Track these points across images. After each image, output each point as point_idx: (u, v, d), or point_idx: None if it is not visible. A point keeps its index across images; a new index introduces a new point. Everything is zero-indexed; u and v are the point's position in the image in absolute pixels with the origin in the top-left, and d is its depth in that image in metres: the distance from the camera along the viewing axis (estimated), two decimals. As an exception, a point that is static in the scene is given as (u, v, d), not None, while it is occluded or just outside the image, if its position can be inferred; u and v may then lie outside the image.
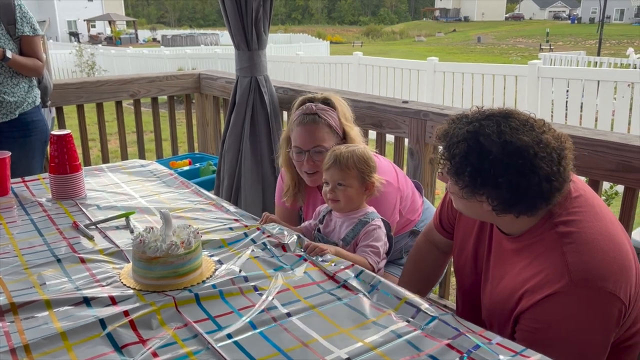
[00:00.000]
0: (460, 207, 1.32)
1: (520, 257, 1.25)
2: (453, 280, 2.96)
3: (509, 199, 1.18)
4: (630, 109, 5.71)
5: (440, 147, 1.28)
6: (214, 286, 1.26)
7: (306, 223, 1.79)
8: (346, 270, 1.34)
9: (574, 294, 1.12)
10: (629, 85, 5.70)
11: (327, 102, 1.83)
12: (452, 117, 1.28)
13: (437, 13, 74.08)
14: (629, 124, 5.74)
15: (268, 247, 1.48)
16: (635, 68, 10.40)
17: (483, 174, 1.17)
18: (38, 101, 2.75)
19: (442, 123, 1.26)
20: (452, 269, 2.68)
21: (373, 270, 1.49)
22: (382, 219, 1.64)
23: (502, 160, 1.15)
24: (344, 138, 1.82)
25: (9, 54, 2.51)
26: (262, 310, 1.17)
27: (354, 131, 1.85)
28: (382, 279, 1.28)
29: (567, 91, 6.11)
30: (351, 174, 1.59)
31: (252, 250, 1.46)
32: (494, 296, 1.30)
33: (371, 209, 1.66)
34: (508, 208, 1.20)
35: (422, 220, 1.92)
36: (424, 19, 77.44)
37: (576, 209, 1.22)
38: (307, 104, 1.81)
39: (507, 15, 70.00)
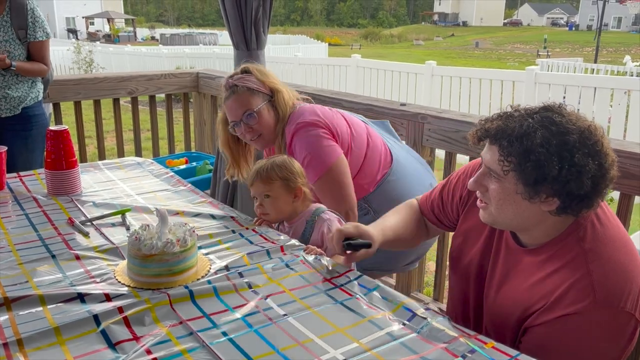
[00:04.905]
0: (507, 214, 1.17)
1: (537, 269, 1.19)
2: (447, 283, 2.97)
3: (587, 192, 1.08)
4: (627, 116, 5.74)
5: (493, 147, 1.15)
6: (208, 282, 1.26)
7: None
8: (344, 275, 1.33)
9: (596, 314, 1.09)
10: (625, 92, 5.73)
11: (244, 70, 1.88)
12: (494, 115, 1.18)
13: (435, 17, 74.26)
14: (625, 131, 5.77)
15: (264, 247, 1.47)
16: (632, 75, 10.45)
17: (568, 163, 1.06)
18: (41, 96, 2.75)
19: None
20: (446, 272, 2.68)
21: None
22: (331, 211, 1.64)
23: (581, 146, 1.07)
24: (273, 95, 1.85)
25: (14, 64, 2.51)
26: (257, 311, 1.17)
27: (282, 86, 1.89)
28: (380, 284, 1.28)
29: (564, 97, 6.14)
30: (275, 184, 1.57)
31: (248, 249, 1.45)
32: (500, 305, 1.26)
33: (315, 207, 1.65)
34: (577, 205, 1.10)
35: (376, 194, 1.88)
36: (423, 23, 77.65)
37: (601, 221, 1.17)
38: (227, 80, 1.87)
39: (505, 20, 70.29)
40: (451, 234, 2.42)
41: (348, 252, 1.34)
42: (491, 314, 1.31)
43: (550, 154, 1.06)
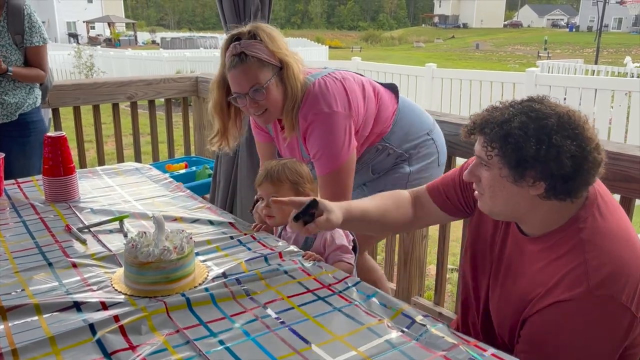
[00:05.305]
0: (499, 200, 1.22)
1: (537, 258, 1.22)
2: (449, 287, 2.95)
3: (570, 172, 1.11)
4: (628, 117, 5.73)
5: (480, 137, 1.21)
6: (206, 289, 1.25)
7: None
8: (343, 282, 1.32)
9: (589, 303, 1.10)
10: (626, 93, 5.72)
11: (252, 34, 1.69)
12: (483, 110, 1.24)
13: (436, 19, 74.35)
14: (626, 132, 5.75)
15: (263, 254, 1.46)
16: (632, 77, 10.44)
17: (546, 144, 1.11)
18: (39, 102, 2.74)
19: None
20: (447, 275, 2.67)
21: (353, 268, 1.53)
22: None
23: (560, 129, 1.12)
24: (282, 67, 1.70)
25: (11, 70, 2.50)
26: (255, 319, 1.16)
27: (291, 57, 1.73)
28: (379, 290, 1.27)
29: (565, 99, 6.13)
30: (284, 186, 1.57)
31: (246, 256, 1.44)
32: (506, 297, 1.27)
33: None
34: (562, 186, 1.13)
35: (393, 133, 1.86)
36: (423, 25, 77.77)
37: (602, 215, 1.19)
38: (233, 43, 1.69)
39: (505, 22, 70.33)
40: (451, 236, 2.43)
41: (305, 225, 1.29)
42: (496, 306, 1.31)
43: (528, 136, 1.12)
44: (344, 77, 1.78)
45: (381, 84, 1.95)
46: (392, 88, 1.95)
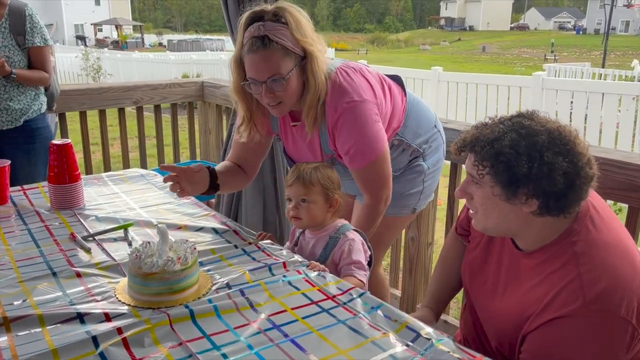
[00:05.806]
0: (492, 218, 1.21)
1: (533, 273, 1.21)
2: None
3: (562, 189, 1.11)
4: (635, 122, 5.70)
5: (470, 155, 1.21)
6: (209, 301, 1.25)
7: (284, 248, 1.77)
8: (347, 293, 1.31)
9: (586, 317, 1.09)
10: (634, 98, 5.69)
11: (277, 16, 1.53)
12: (472, 127, 1.24)
13: (442, 22, 74.31)
14: (634, 136, 5.72)
15: (267, 264, 1.46)
16: (640, 80, 10.38)
17: (537, 162, 1.10)
18: (44, 108, 2.73)
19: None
20: (453, 283, 2.65)
21: (364, 285, 1.49)
22: (354, 230, 1.62)
23: (551, 145, 1.11)
24: (306, 57, 1.56)
25: (14, 72, 2.51)
26: (259, 332, 1.15)
27: (316, 47, 1.57)
28: (384, 303, 1.26)
29: (572, 102, 6.10)
30: (315, 189, 1.55)
31: (250, 265, 1.44)
32: (505, 313, 1.26)
33: (341, 222, 1.62)
34: (555, 203, 1.13)
35: (406, 127, 1.80)
36: (429, 27, 77.72)
37: (596, 227, 1.18)
38: (256, 24, 1.53)
39: (512, 25, 70.25)
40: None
41: None
42: (495, 321, 1.30)
43: (520, 154, 1.12)
44: (360, 68, 1.70)
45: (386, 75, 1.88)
46: (397, 80, 1.88)
